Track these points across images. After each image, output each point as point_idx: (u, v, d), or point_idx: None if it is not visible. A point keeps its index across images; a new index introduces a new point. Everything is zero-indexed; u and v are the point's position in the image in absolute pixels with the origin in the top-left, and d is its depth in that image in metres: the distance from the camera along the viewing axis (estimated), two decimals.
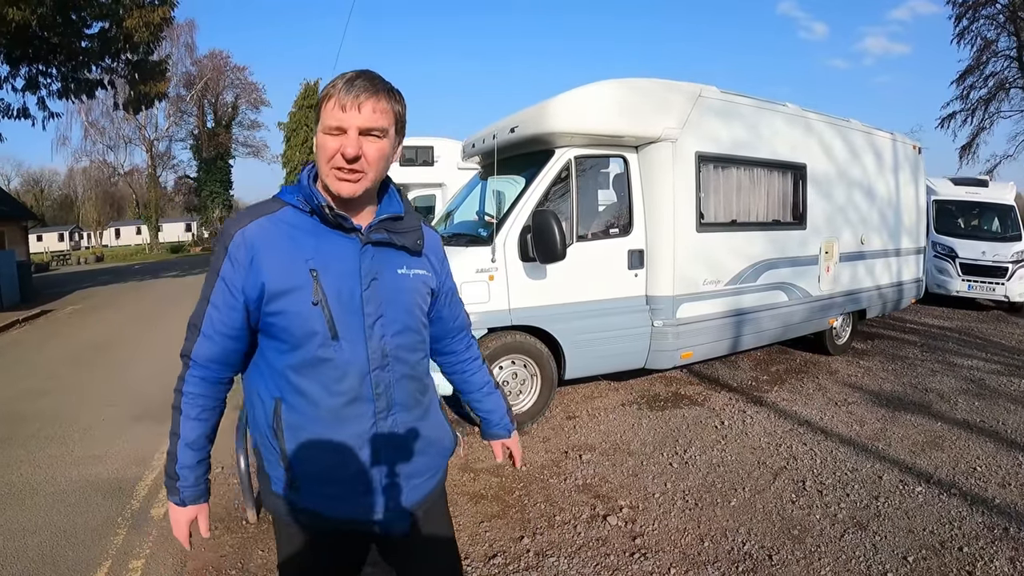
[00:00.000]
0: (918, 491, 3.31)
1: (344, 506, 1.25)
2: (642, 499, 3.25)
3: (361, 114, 1.11)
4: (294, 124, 42.89)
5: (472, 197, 5.53)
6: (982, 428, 4.36)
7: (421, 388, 1.31)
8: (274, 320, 1.17)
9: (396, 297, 1.24)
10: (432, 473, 1.36)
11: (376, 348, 1.20)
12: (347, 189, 1.15)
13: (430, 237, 1.36)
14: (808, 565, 2.58)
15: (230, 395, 1.31)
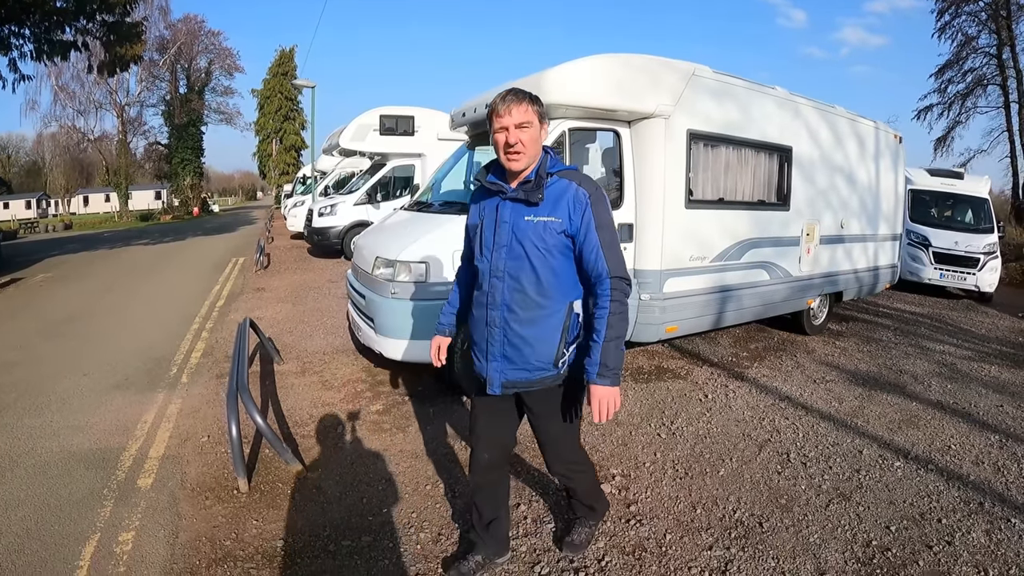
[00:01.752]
0: (897, 466, 3.43)
1: (478, 364, 2.09)
2: (633, 468, 3.31)
3: (512, 116, 1.85)
4: (268, 92, 42.02)
5: (459, 167, 5.50)
6: (955, 409, 4.51)
7: (528, 302, 1.93)
8: (468, 241, 2.22)
9: (517, 235, 1.93)
10: (528, 369, 1.98)
11: (496, 264, 1.96)
12: (515, 164, 1.90)
13: (568, 195, 1.92)
14: (796, 532, 2.67)
15: (216, 362, 1.38)
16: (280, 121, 42.31)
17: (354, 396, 4.28)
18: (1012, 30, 20.64)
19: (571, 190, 1.92)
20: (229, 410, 2.86)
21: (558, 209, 1.90)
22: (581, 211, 1.90)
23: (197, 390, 4.44)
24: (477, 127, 5.21)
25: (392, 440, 3.56)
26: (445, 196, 5.11)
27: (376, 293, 4.01)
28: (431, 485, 3.04)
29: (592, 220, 1.90)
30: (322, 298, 8.10)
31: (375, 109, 12.20)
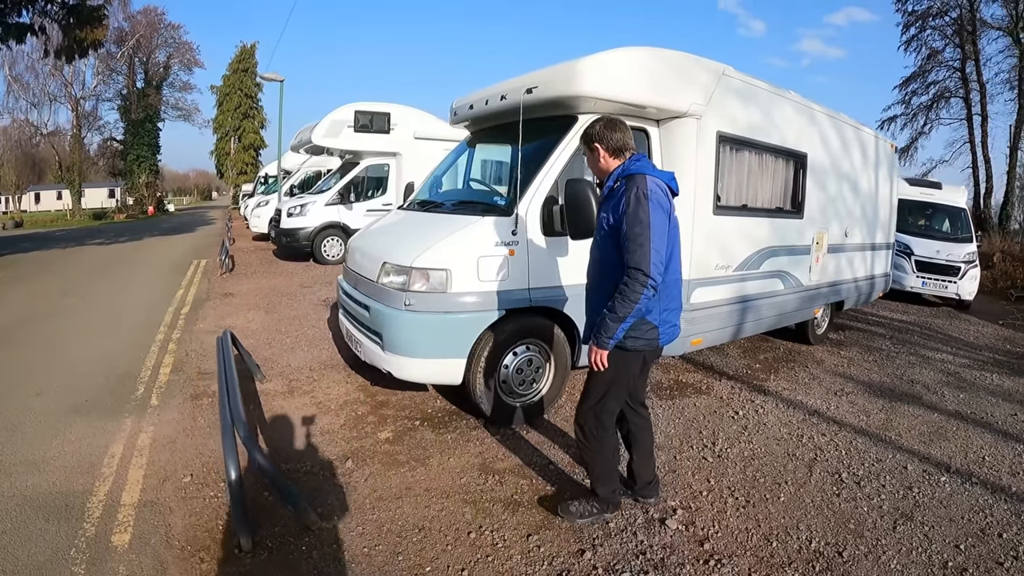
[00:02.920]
0: (943, 480, 3.39)
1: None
2: (691, 498, 3.01)
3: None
4: (227, 88, 41.18)
5: (460, 164, 5.08)
6: (975, 420, 4.48)
7: (598, 276, 2.52)
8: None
9: (599, 226, 2.51)
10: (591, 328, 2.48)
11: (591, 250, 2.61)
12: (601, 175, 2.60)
13: (618, 196, 2.36)
14: (876, 560, 2.54)
15: (188, 380, 0.94)
16: (239, 119, 41.24)
17: (356, 422, 3.78)
18: (976, 45, 21.56)
19: (620, 188, 2.37)
20: (227, 451, 2.34)
21: (614, 207, 2.38)
22: (620, 207, 2.30)
23: (170, 415, 3.85)
24: (482, 122, 4.79)
25: (414, 476, 3.09)
26: (458, 195, 4.67)
27: (384, 304, 3.52)
28: (474, 532, 2.60)
29: (624, 216, 2.26)
30: (297, 305, 7.50)
31: (350, 104, 11.60)
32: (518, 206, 3.51)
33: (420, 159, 11.44)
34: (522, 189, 3.59)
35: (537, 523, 2.70)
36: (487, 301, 3.42)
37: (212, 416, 3.79)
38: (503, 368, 3.61)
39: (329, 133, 11.33)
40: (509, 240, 3.47)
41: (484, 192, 4.54)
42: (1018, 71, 20.37)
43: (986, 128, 22.04)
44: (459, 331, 3.39)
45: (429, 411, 4.00)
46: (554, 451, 3.48)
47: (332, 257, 11.23)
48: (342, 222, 11.35)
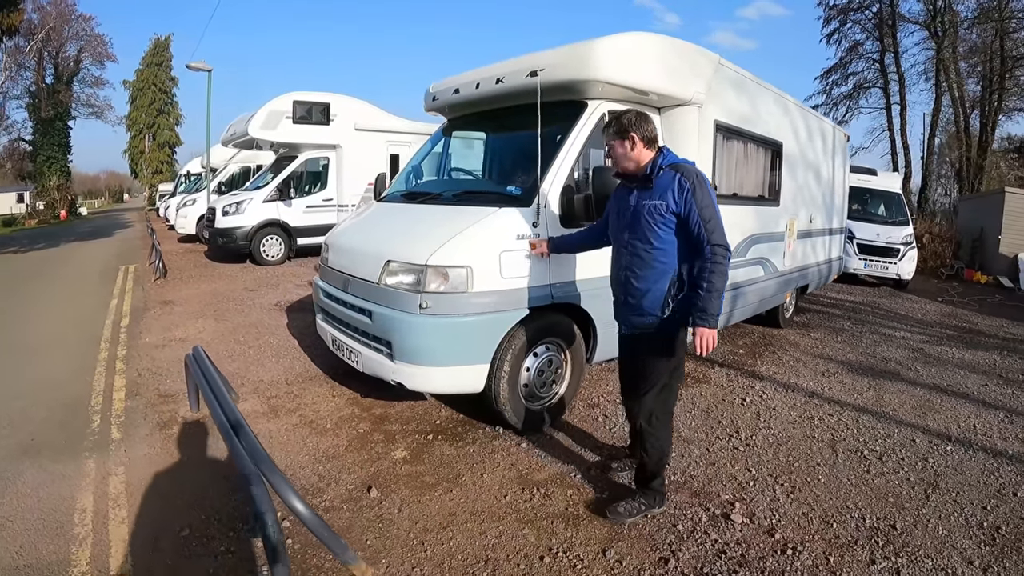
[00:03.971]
0: (949, 449, 3.60)
1: (614, 310, 2.80)
2: (739, 489, 2.97)
3: (611, 144, 2.61)
4: (141, 83, 38.80)
5: (442, 153, 4.77)
6: (953, 391, 4.77)
7: (643, 265, 2.51)
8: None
9: (637, 213, 2.51)
10: (643, 315, 2.55)
11: (623, 237, 2.61)
12: (626, 168, 2.59)
13: (674, 183, 2.41)
14: (924, 528, 2.69)
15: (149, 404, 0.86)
16: (154, 115, 38.82)
17: (362, 441, 3.40)
18: (896, 38, 23.30)
19: (675, 179, 2.41)
20: (260, 503, 1.90)
21: (665, 195, 2.42)
22: (682, 195, 2.38)
23: (140, 450, 3.28)
24: (468, 108, 4.48)
25: (452, 500, 2.77)
26: (458, 185, 4.34)
27: (393, 308, 3.17)
28: (547, 556, 2.35)
29: (693, 203, 2.35)
30: (248, 310, 6.88)
31: (288, 94, 10.89)
32: (537, 196, 3.26)
33: (361, 152, 11.08)
34: (539, 178, 3.34)
35: (606, 536, 2.51)
36: (511, 300, 3.15)
37: (192, 449, 3.29)
38: (524, 371, 3.36)
39: (266, 125, 10.59)
40: (530, 233, 3.22)
41: (488, 182, 4.24)
42: (935, 63, 22.26)
43: (905, 117, 24.01)
44: (482, 335, 3.10)
45: (438, 422, 3.69)
46: (586, 453, 3.30)
47: (272, 257, 10.54)
48: (282, 219, 10.68)
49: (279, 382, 4.43)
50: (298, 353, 5.17)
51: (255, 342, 5.54)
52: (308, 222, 10.94)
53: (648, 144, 2.51)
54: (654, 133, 2.55)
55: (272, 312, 6.78)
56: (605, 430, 3.64)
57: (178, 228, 14.51)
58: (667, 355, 2.52)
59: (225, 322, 6.33)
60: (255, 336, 5.75)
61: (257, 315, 6.64)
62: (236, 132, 11.60)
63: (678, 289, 2.45)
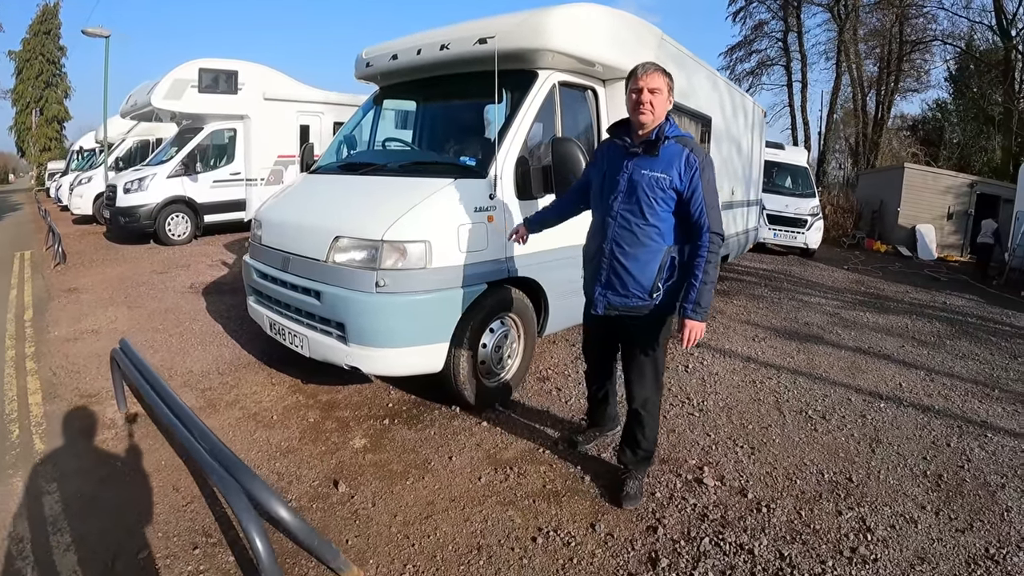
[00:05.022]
0: (883, 406, 3.91)
1: (588, 286, 2.54)
2: (704, 455, 3.08)
3: (647, 80, 2.24)
4: (28, 53, 34.41)
5: (376, 123, 4.54)
6: (875, 353, 5.21)
7: (634, 240, 2.31)
8: (593, 186, 2.55)
9: (633, 183, 2.30)
10: (628, 296, 2.37)
11: (613, 207, 2.35)
12: (643, 120, 2.26)
13: (682, 158, 2.24)
14: (878, 478, 2.91)
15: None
16: (41, 88, 34.59)
17: (314, 432, 3.19)
18: (800, 19, 24.64)
19: (684, 155, 2.23)
20: (243, 517, 1.69)
21: (670, 169, 2.23)
22: (690, 174, 2.21)
23: (71, 463, 2.86)
24: (405, 75, 4.23)
25: (426, 487, 2.65)
26: (404, 156, 4.11)
27: (345, 288, 2.96)
28: (539, 537, 2.31)
29: (699, 184, 2.21)
30: (161, 295, 6.31)
31: (193, 61, 9.99)
32: (493, 167, 3.15)
33: (271, 123, 10.50)
34: (492, 149, 3.22)
35: (589, 511, 2.51)
36: (470, 275, 3.04)
37: (129, 455, 2.94)
38: (482, 348, 3.29)
39: (170, 95, 9.70)
40: (487, 205, 3.11)
41: (440, 153, 4.04)
42: (836, 44, 23.81)
43: (805, 94, 25.60)
44: (442, 313, 2.98)
45: (391, 405, 3.54)
46: (548, 427, 3.29)
47: (178, 237, 9.80)
48: (188, 196, 9.94)
49: (210, 372, 4.09)
50: (225, 339, 4.80)
51: (175, 329, 5.08)
52: (215, 198, 10.27)
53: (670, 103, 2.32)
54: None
55: (188, 295, 6.26)
56: (561, 403, 3.65)
57: (73, 208, 13.07)
58: (655, 343, 2.43)
59: (139, 309, 5.76)
60: (174, 323, 5.28)
61: (172, 299, 6.11)
62: (137, 103, 10.55)
63: (668, 273, 2.32)
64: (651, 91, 2.22)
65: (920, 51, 24.02)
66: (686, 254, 2.31)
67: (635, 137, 2.32)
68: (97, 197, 11.95)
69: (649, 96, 2.21)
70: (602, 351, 2.72)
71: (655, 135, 2.25)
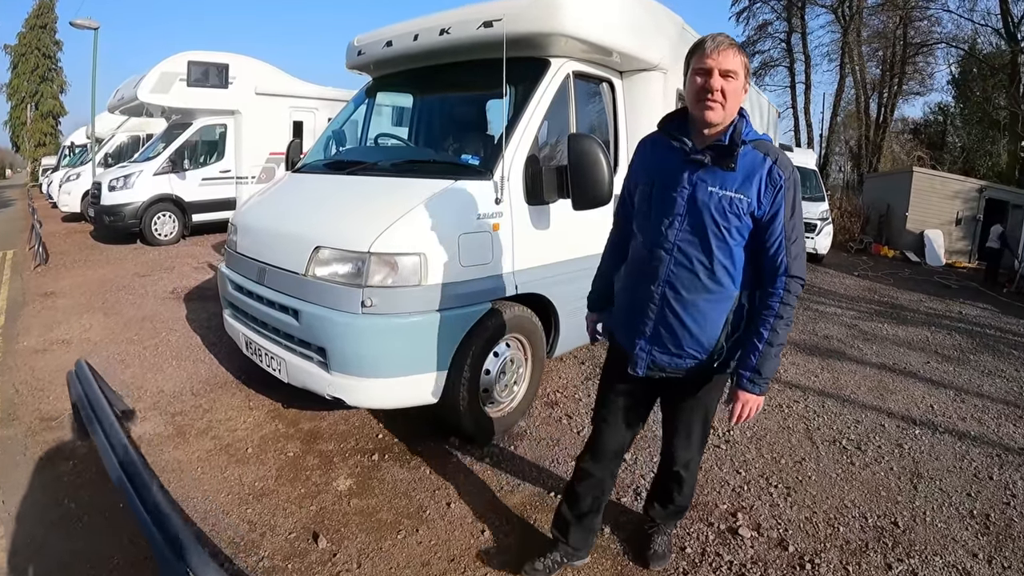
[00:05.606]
0: (918, 433, 3.57)
1: (623, 334, 1.87)
2: (736, 497, 2.71)
3: (720, 59, 1.56)
4: (23, 48, 34.23)
5: (368, 117, 4.15)
6: (900, 370, 4.86)
7: (695, 284, 1.67)
8: (634, 203, 1.85)
9: (697, 206, 1.63)
10: (681, 356, 1.74)
11: (666, 235, 1.68)
12: (711, 115, 1.59)
13: (763, 171, 1.59)
14: (925, 521, 2.62)
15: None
16: (36, 83, 34.32)
17: (293, 469, 2.79)
18: (804, 20, 24.33)
19: (767, 167, 1.61)
20: None
21: (747, 186, 1.61)
22: (772, 194, 1.60)
23: (21, 502, 2.48)
24: (401, 64, 3.83)
25: (419, 543, 2.26)
26: (398, 153, 3.72)
27: (326, 307, 2.56)
28: None
29: (783, 208, 1.61)
30: (141, 301, 5.92)
31: (182, 54, 9.58)
32: (500, 167, 2.75)
33: (262, 118, 10.08)
34: (499, 146, 2.83)
35: (612, 571, 2.16)
36: (472, 292, 2.65)
37: (88, 493, 2.55)
38: (484, 374, 2.89)
39: (158, 88, 9.30)
40: (492, 211, 2.72)
41: (437, 151, 3.64)
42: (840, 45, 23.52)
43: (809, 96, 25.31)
44: (439, 337, 2.58)
45: (380, 436, 3.14)
46: (558, 463, 2.91)
47: (165, 237, 9.42)
48: (175, 194, 9.56)
49: (183, 392, 3.69)
50: (202, 353, 4.40)
51: (151, 340, 4.69)
52: (204, 196, 9.86)
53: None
54: None
55: (168, 302, 5.88)
56: (572, 433, 3.27)
57: (61, 206, 12.73)
58: (710, 404, 1.93)
59: (115, 316, 5.38)
60: (151, 333, 4.89)
61: (152, 306, 5.72)
62: (124, 97, 10.18)
63: (735, 327, 1.72)
64: (724, 74, 1.56)
65: (924, 54, 23.76)
66: (756, 302, 1.72)
67: (698, 138, 1.66)
68: (85, 194, 11.58)
69: (721, 82, 1.55)
70: (628, 420, 1.96)
71: (728, 138, 1.60)
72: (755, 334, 1.66)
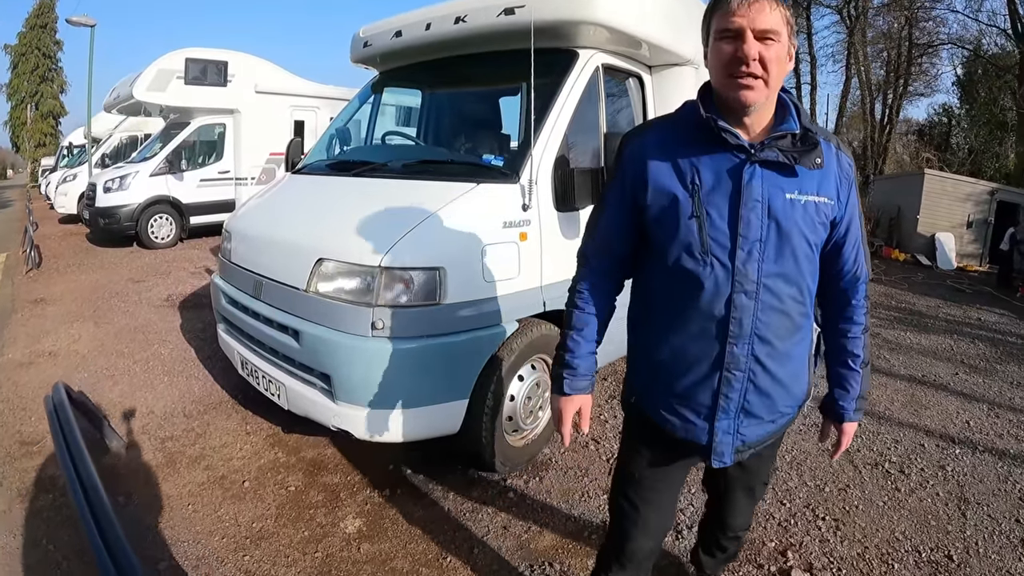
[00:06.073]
0: (958, 452, 3.36)
1: (678, 419, 1.31)
2: (783, 533, 2.46)
3: (753, 15, 1.10)
4: (23, 47, 34.36)
5: (375, 113, 3.90)
6: (930, 383, 4.59)
7: (789, 325, 1.25)
8: (650, 227, 1.26)
9: (780, 222, 1.18)
10: (775, 419, 1.33)
11: (744, 271, 1.18)
12: (748, 96, 1.14)
13: (834, 163, 1.25)
14: (978, 553, 2.43)
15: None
16: (36, 83, 34.43)
17: (296, 506, 2.50)
18: (809, 20, 24.09)
19: (834, 155, 1.26)
20: None
21: (827, 184, 1.24)
22: (848, 189, 1.28)
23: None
24: (410, 56, 3.55)
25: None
26: (411, 153, 3.44)
27: (331, 328, 2.28)
28: None
29: (856, 204, 1.32)
30: (134, 308, 5.68)
31: (180, 51, 9.33)
32: (527, 168, 2.46)
33: (263, 117, 9.81)
34: (524, 146, 2.55)
35: None
36: (497, 311, 2.36)
37: (70, 534, 2.26)
38: (508, 400, 2.60)
39: (154, 86, 9.07)
40: (520, 218, 2.43)
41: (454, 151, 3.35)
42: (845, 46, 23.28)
43: (815, 96, 25.06)
44: (461, 361, 2.30)
45: (391, 467, 2.85)
46: (590, 497, 2.63)
47: (162, 240, 9.19)
48: (172, 196, 9.33)
49: (175, 414, 3.41)
50: (196, 368, 4.14)
51: (142, 353, 4.42)
52: (202, 198, 9.63)
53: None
54: None
55: (162, 310, 5.62)
56: (602, 461, 2.98)
57: (57, 207, 12.53)
58: (774, 458, 1.62)
59: (106, 326, 5.13)
60: (142, 344, 4.62)
61: (145, 315, 5.46)
62: (120, 95, 9.94)
63: (814, 361, 1.43)
64: (761, 36, 1.11)
65: (929, 55, 23.54)
66: (832, 323, 1.43)
67: (743, 130, 1.19)
68: (82, 196, 11.34)
69: (758, 47, 1.10)
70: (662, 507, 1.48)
71: (797, 123, 1.19)
72: (848, 356, 1.40)
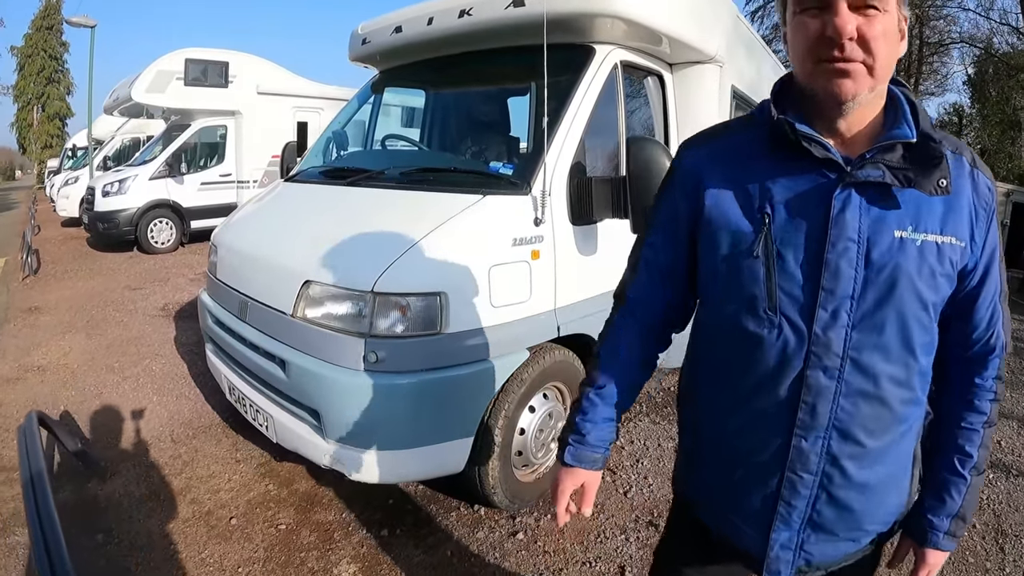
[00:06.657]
0: (992, 477, 3.16)
1: (725, 521, 0.99)
2: None
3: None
4: (30, 49, 34.45)
5: (366, 116, 3.64)
6: None
7: (885, 416, 0.85)
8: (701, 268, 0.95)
9: (884, 272, 0.81)
10: (857, 538, 0.94)
11: (825, 339, 0.82)
12: (844, 87, 0.78)
13: (977, 181, 0.85)
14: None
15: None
16: (43, 84, 34.55)
17: (286, 548, 2.26)
18: None
19: (967, 175, 0.85)
20: None
21: (956, 217, 0.83)
22: (986, 224, 0.86)
23: None
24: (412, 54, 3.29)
25: None
26: (411, 159, 3.20)
27: (320, 359, 2.03)
28: None
29: (997, 246, 0.88)
30: (128, 318, 5.48)
31: (179, 51, 9.16)
32: (540, 177, 2.20)
33: (265, 119, 9.59)
34: (536, 152, 2.28)
35: None
36: (505, 340, 2.10)
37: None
38: (518, 435, 2.34)
39: (153, 87, 8.88)
40: (532, 234, 2.17)
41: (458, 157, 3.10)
42: None
43: None
44: (466, 396, 2.04)
45: (391, 503, 2.59)
46: (607, 537, 2.37)
47: (162, 244, 9.02)
48: (172, 199, 9.15)
49: (162, 437, 3.18)
50: (186, 386, 3.91)
51: (133, 369, 4.21)
52: (203, 202, 9.43)
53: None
54: None
55: (157, 321, 5.41)
56: (619, 495, 2.72)
57: (59, 210, 12.42)
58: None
59: (99, 337, 4.93)
60: (134, 358, 4.42)
61: (139, 326, 5.26)
62: (120, 97, 9.80)
63: (920, 459, 0.99)
64: (858, 7, 0.76)
65: (940, 54, 23.12)
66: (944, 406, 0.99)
67: (829, 135, 0.84)
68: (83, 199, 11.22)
69: (857, 20, 0.75)
70: None
71: (913, 129, 0.81)
72: (956, 454, 0.94)
